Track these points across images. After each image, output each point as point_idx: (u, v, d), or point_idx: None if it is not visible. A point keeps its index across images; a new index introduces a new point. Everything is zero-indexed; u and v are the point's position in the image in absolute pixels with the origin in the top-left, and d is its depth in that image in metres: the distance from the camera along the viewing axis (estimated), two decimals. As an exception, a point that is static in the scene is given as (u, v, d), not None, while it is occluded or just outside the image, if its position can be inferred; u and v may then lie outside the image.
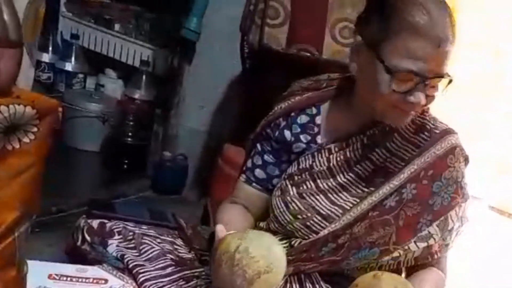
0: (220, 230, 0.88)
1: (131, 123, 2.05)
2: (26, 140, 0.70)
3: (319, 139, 0.99)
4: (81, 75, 2.24)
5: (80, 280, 0.91)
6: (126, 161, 2.06)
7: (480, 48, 1.41)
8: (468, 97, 1.45)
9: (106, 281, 0.92)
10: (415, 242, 0.94)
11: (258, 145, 1.05)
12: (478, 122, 1.41)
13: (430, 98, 0.89)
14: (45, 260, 0.96)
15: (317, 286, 0.96)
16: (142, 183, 2.00)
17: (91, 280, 0.92)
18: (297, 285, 0.95)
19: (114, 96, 2.22)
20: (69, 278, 0.91)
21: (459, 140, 0.98)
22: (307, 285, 0.95)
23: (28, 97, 0.69)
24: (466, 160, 0.98)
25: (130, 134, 2.06)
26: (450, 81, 0.88)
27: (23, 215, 0.74)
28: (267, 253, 0.81)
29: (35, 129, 0.70)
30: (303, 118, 1.00)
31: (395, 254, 0.94)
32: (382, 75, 0.86)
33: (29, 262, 0.82)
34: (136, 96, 2.13)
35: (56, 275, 0.91)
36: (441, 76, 0.87)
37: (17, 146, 0.70)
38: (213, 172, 1.75)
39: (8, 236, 0.73)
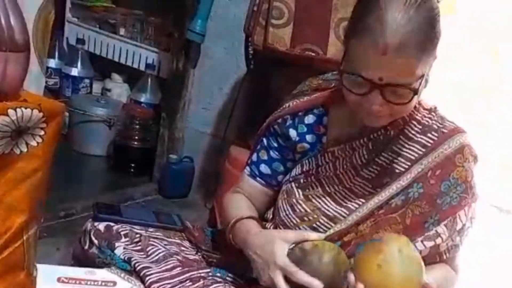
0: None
1: (137, 126, 2.06)
2: (33, 143, 0.70)
3: (324, 140, 0.99)
4: (87, 80, 2.25)
5: (88, 282, 0.91)
6: (133, 165, 2.06)
7: (480, 48, 1.40)
8: (468, 97, 1.45)
9: (114, 283, 0.93)
10: (422, 241, 0.93)
11: (265, 140, 1.04)
12: (478, 122, 1.41)
13: (397, 105, 0.84)
14: (54, 264, 0.96)
15: None
16: (149, 186, 2.00)
17: (99, 282, 0.92)
18: None
19: (120, 100, 2.22)
20: (78, 281, 0.91)
21: (468, 138, 0.96)
22: None
23: (35, 100, 0.70)
24: (475, 159, 0.97)
25: (136, 137, 2.06)
26: (415, 93, 0.83)
27: (31, 218, 0.74)
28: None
29: (42, 133, 0.70)
30: (310, 118, 1.00)
31: None
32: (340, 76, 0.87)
33: (38, 265, 0.82)
34: (142, 99, 2.13)
35: (65, 278, 0.91)
36: (394, 85, 0.82)
37: (24, 150, 0.70)
38: (219, 174, 1.75)
39: (17, 239, 0.73)
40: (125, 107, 2.11)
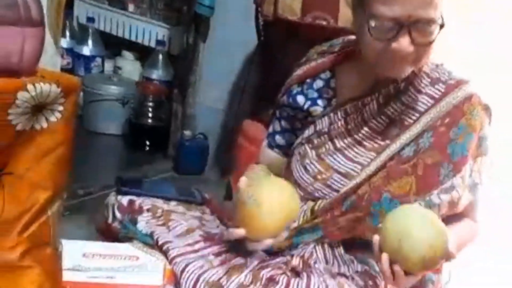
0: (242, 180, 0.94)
1: (151, 104, 2.06)
2: (53, 119, 0.71)
3: (334, 102, 1.00)
4: (99, 59, 2.25)
5: (113, 257, 0.92)
6: (147, 143, 2.07)
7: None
8: (486, 72, 1.42)
9: (137, 258, 0.94)
10: (437, 194, 0.93)
11: (278, 111, 1.07)
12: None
13: (422, 45, 0.87)
14: (76, 241, 0.97)
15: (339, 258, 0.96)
16: (164, 164, 2.02)
17: (123, 257, 0.93)
18: (322, 255, 0.96)
19: (132, 78, 2.22)
20: (101, 256, 0.92)
21: (475, 89, 0.96)
22: (331, 256, 0.96)
23: (52, 76, 0.70)
24: (486, 109, 0.96)
25: (150, 115, 2.07)
26: (442, 26, 0.86)
27: (54, 194, 0.75)
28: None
29: (61, 108, 0.71)
30: (318, 83, 1.01)
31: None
32: (364, 25, 0.88)
33: (63, 241, 0.83)
34: (154, 76, 2.13)
35: (90, 253, 0.92)
36: (422, 21, 0.85)
37: (45, 125, 0.70)
38: (233, 150, 1.76)
39: (42, 215, 0.74)
40: (138, 85, 2.11)
